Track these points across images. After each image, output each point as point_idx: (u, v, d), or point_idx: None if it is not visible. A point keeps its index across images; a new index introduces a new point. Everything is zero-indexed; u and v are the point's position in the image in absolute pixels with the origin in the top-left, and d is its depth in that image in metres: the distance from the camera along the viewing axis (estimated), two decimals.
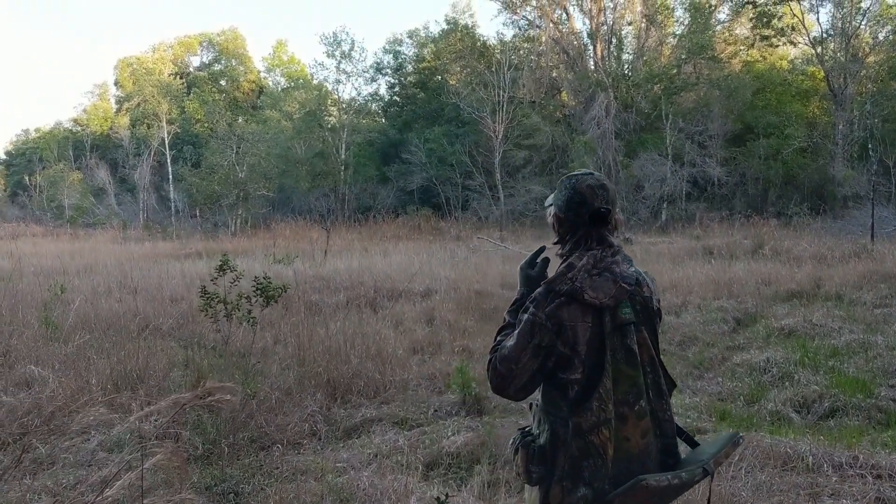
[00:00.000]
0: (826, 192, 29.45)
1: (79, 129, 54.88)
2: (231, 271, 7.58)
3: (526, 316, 2.31)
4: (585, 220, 2.38)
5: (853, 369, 7.64)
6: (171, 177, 42.06)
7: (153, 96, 46.09)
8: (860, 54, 31.45)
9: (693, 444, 2.48)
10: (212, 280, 7.59)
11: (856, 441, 5.21)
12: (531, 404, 2.52)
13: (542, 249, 2.62)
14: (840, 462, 4.58)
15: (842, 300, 11.79)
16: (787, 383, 7.31)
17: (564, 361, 2.28)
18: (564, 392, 2.29)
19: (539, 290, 2.35)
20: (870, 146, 29.63)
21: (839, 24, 31.98)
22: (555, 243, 2.49)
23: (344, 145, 38.70)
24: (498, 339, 2.44)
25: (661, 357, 2.43)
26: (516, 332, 2.33)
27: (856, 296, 11.85)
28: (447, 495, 2.56)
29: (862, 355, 8.19)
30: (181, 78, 52.68)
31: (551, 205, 2.52)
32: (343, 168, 38.55)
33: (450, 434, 5.60)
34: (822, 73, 32.77)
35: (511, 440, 2.49)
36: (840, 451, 4.75)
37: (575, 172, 2.50)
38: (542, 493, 2.35)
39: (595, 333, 2.26)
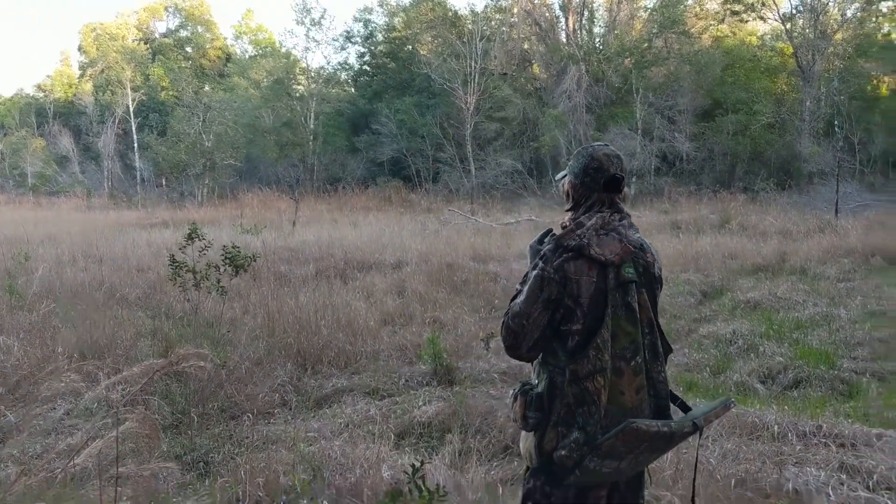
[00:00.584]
0: (792, 168, 29.80)
1: (42, 95, 53.61)
2: (200, 240, 7.48)
3: (535, 272, 2.42)
4: (600, 186, 2.49)
5: (817, 341, 7.78)
6: (136, 145, 41.31)
7: (117, 62, 45.07)
8: (828, 31, 31.70)
9: (686, 408, 2.58)
10: (180, 249, 7.49)
11: (819, 411, 5.31)
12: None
13: (549, 231, 2.73)
14: (805, 431, 4.67)
15: (806, 274, 12.00)
16: (752, 355, 7.43)
17: (568, 313, 2.38)
18: (564, 342, 2.39)
19: (548, 246, 2.45)
20: (836, 123, 30.00)
21: (808, 1, 32.17)
22: (567, 210, 2.59)
23: (313, 115, 38.25)
24: (511, 303, 2.52)
25: (659, 321, 2.52)
26: (526, 288, 2.43)
27: (820, 270, 12.07)
28: (422, 462, 2.56)
29: (825, 328, 8.35)
30: (146, 44, 51.57)
31: (565, 175, 2.63)
32: (312, 138, 38.13)
33: (421, 404, 5.62)
34: (791, 50, 33.01)
35: (511, 391, 2.57)
36: (804, 421, 4.84)
37: (591, 143, 2.64)
38: (537, 438, 2.43)
39: (599, 288, 2.36)
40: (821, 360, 6.96)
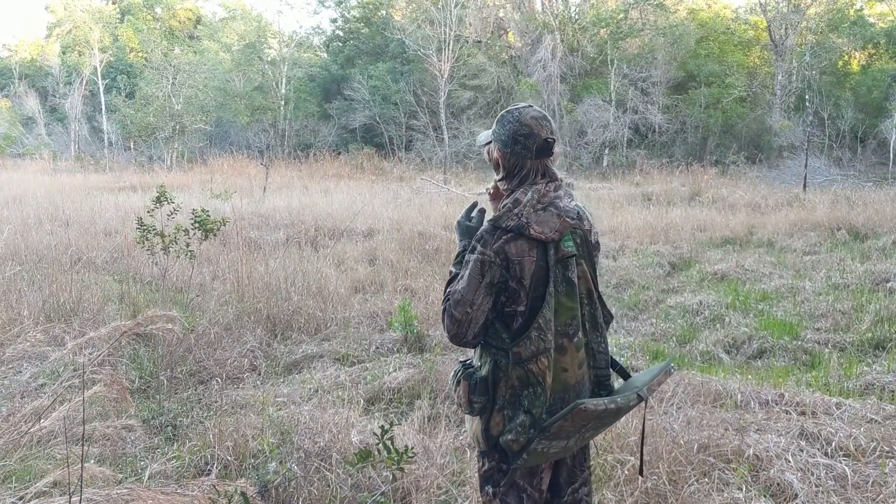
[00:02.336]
0: (763, 142, 30.07)
1: (7, 54, 52.24)
2: (169, 203, 7.39)
3: (474, 256, 2.32)
4: (532, 153, 2.37)
5: (781, 313, 7.92)
6: (103, 107, 40.49)
7: (84, 23, 43.99)
8: (802, 5, 31.85)
9: (626, 375, 2.56)
10: (148, 212, 7.40)
11: (782, 380, 5.42)
12: None
13: (475, 204, 2.63)
14: (767, 399, 4.77)
15: (773, 247, 12.18)
16: (718, 325, 7.56)
17: (513, 295, 2.31)
18: (508, 324, 2.33)
19: (484, 227, 2.36)
20: (806, 97, 30.27)
21: None
22: (499, 180, 2.47)
23: (284, 80, 37.73)
24: (448, 290, 2.42)
25: (599, 290, 2.48)
26: (466, 273, 2.33)
27: (786, 243, 12.25)
28: (391, 424, 2.58)
29: (790, 299, 8.50)
30: (114, 4, 50.40)
31: (490, 141, 2.49)
32: (283, 103, 37.64)
33: (391, 370, 5.65)
34: (765, 23, 33.14)
35: (453, 373, 2.51)
36: (767, 390, 4.94)
37: (515, 106, 2.48)
38: (483, 423, 2.39)
39: (540, 267, 2.30)
40: (785, 331, 7.10)
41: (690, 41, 32.47)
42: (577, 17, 37.14)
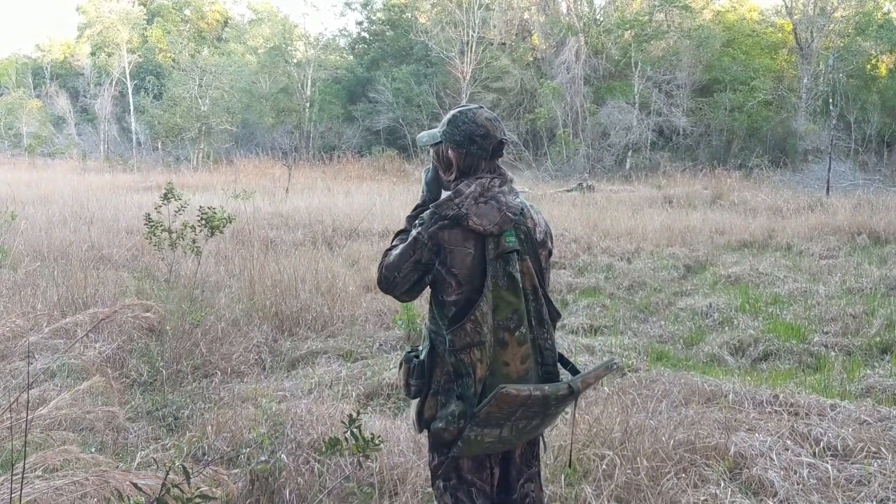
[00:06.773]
0: (787, 146, 29.77)
1: (39, 54, 53.16)
2: (176, 200, 7.55)
3: (413, 232, 2.42)
4: (488, 152, 2.43)
5: (791, 316, 7.88)
6: (132, 108, 41.12)
7: (112, 24, 44.69)
8: (828, 8, 31.51)
9: (576, 372, 2.55)
10: (156, 209, 7.56)
11: (781, 382, 5.42)
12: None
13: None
14: (761, 400, 4.77)
15: (791, 251, 12.08)
16: (726, 328, 7.54)
17: (442, 282, 2.39)
18: (444, 311, 2.40)
19: (427, 211, 2.43)
20: (831, 101, 29.94)
21: None
22: (451, 180, 2.50)
23: (310, 81, 38.03)
24: (394, 242, 2.54)
25: (546, 288, 2.51)
26: (403, 245, 2.44)
27: (805, 247, 12.14)
28: (359, 413, 2.67)
29: (801, 303, 8.45)
30: (144, 6, 51.10)
31: (438, 142, 2.53)
32: (308, 105, 37.93)
33: (391, 367, 5.72)
34: (791, 26, 32.83)
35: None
36: (763, 391, 4.94)
37: (465, 107, 2.54)
38: (418, 405, 2.47)
39: (477, 260, 2.35)
40: (792, 334, 7.09)
41: (716, 44, 32.25)
42: (601, 19, 37.07)
